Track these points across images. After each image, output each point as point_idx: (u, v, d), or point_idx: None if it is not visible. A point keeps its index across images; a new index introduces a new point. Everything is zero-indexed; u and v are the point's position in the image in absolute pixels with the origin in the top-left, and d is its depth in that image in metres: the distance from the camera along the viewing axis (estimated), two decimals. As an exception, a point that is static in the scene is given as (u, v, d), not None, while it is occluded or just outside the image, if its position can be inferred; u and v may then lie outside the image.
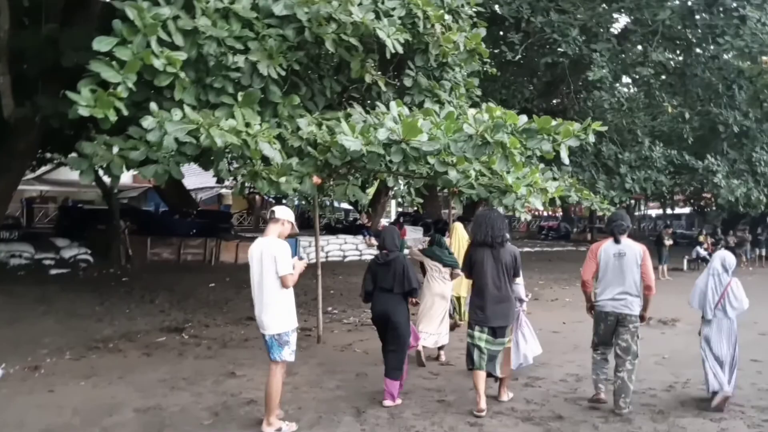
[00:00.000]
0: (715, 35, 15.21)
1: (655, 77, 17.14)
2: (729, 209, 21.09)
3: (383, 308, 5.34)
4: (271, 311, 4.45)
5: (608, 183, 15.70)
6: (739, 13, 13.75)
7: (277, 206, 4.80)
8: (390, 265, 5.32)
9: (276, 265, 4.37)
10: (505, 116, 5.67)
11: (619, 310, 5.15)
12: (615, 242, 5.29)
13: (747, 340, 8.38)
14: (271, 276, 4.40)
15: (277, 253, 4.38)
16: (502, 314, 5.09)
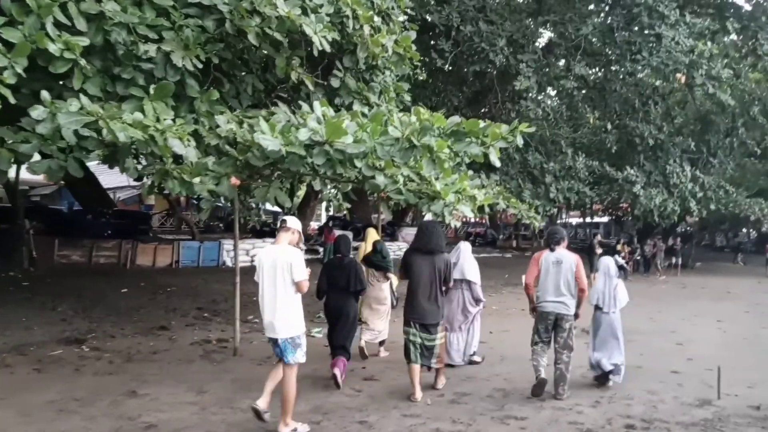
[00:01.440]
0: (632, 52, 15.84)
1: (577, 90, 17.68)
2: (644, 219, 22.07)
3: (338, 304, 6.32)
4: (285, 316, 4.64)
5: (534, 192, 16.01)
6: (655, 31, 14.36)
7: (287, 216, 5.12)
8: (345, 268, 6.34)
9: (292, 271, 4.60)
10: (433, 119, 5.44)
11: (558, 311, 5.90)
12: (551, 251, 6.01)
13: (665, 350, 8.64)
14: (287, 282, 4.61)
15: (293, 260, 4.64)
16: (434, 313, 5.78)
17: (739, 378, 6.61)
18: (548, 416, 5.36)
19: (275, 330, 4.64)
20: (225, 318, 9.40)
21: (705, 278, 22.17)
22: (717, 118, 23.38)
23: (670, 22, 14.03)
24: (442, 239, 6.00)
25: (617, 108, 19.36)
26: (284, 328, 4.63)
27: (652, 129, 20.23)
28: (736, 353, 8.51)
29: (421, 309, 5.74)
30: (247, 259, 18.07)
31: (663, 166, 20.68)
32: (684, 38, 13.83)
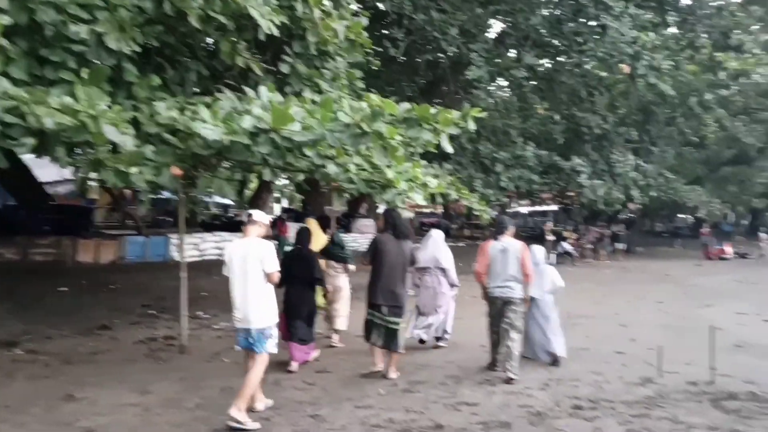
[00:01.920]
0: (579, 43, 16.13)
1: (526, 81, 17.91)
2: (590, 207, 22.65)
3: (297, 295, 6.42)
4: (258, 307, 4.74)
5: (485, 181, 16.15)
6: (601, 22, 14.66)
7: (254, 210, 5.24)
8: (304, 259, 6.52)
9: (264, 263, 4.71)
10: (384, 105, 5.33)
11: (506, 295, 6.25)
12: (497, 240, 6.42)
13: (610, 332, 8.86)
14: (258, 273, 4.71)
15: (265, 252, 4.74)
16: (401, 297, 6.05)
17: (678, 357, 6.84)
18: (500, 401, 5.39)
19: (249, 321, 4.74)
20: (172, 314, 9.06)
21: (646, 262, 22.98)
22: (657, 109, 24.17)
23: (615, 13, 14.36)
24: (407, 225, 6.39)
25: (565, 98, 19.72)
26: (257, 319, 4.74)
27: (598, 119, 20.72)
28: (675, 333, 8.82)
29: (390, 293, 5.98)
30: (197, 254, 17.59)
31: (608, 155, 21.23)
32: (628, 29, 14.18)
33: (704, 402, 5.34)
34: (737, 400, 5.41)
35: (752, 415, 4.96)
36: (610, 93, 22.90)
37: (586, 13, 14.97)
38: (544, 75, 19.40)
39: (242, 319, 4.78)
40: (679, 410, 5.10)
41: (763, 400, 5.42)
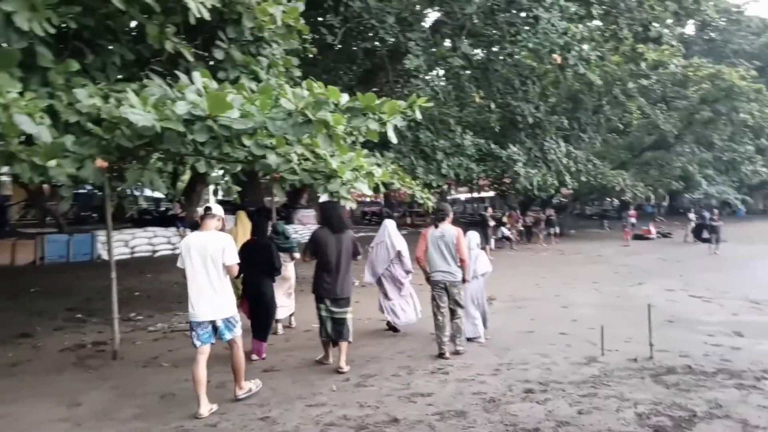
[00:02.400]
0: (512, 33, 16.36)
1: (463, 70, 18.02)
2: (525, 193, 23.20)
3: (256, 285, 6.53)
4: (221, 298, 4.85)
5: (427, 169, 16.18)
6: (533, 13, 14.89)
7: (212, 204, 5.34)
8: (261, 250, 6.54)
9: (224, 255, 4.82)
10: (328, 92, 5.11)
11: (446, 279, 6.61)
12: (436, 227, 6.72)
13: (552, 314, 9.03)
14: (219, 266, 4.81)
15: (225, 244, 4.87)
16: (345, 288, 6.11)
17: (617, 334, 7.05)
18: (453, 389, 5.33)
19: (214, 312, 4.82)
20: (102, 318, 8.52)
21: (579, 244, 23.80)
22: (585, 98, 25.07)
23: (546, 4, 14.61)
24: (345, 217, 6.37)
25: (500, 88, 20.01)
26: (221, 310, 4.85)
27: (531, 108, 21.19)
28: (612, 311, 9.11)
29: (333, 284, 6.01)
30: (127, 252, 16.76)
31: (541, 143, 21.80)
32: (558, 21, 14.47)
33: (646, 378, 5.48)
34: (675, 374, 5.60)
35: (690, 388, 5.13)
36: (542, 82, 23.53)
37: (519, 3, 15.15)
38: (479, 65, 19.61)
39: (204, 312, 4.80)
40: (623, 387, 5.21)
41: (698, 372, 5.64)
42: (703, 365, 5.87)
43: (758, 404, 4.70)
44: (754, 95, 26.29)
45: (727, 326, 7.84)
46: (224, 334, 4.88)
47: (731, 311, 9.02)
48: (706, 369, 5.73)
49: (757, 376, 5.46)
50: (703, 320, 8.32)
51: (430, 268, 6.67)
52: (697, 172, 29.71)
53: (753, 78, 27.27)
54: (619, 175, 26.14)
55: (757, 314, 8.83)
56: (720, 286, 11.79)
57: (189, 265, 4.77)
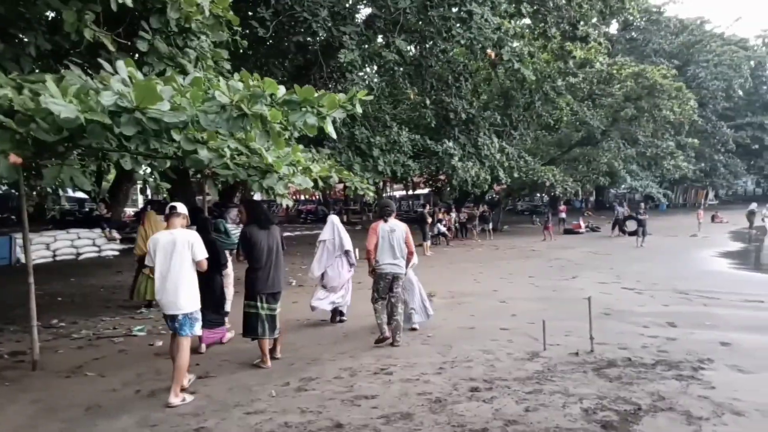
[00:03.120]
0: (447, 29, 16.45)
1: (397, 66, 17.98)
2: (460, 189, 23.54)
3: (206, 279, 6.17)
4: (186, 292, 5.05)
5: (363, 165, 16.04)
6: (467, 8, 15.02)
7: (176, 203, 5.47)
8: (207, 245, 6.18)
9: (194, 251, 5.09)
10: (264, 85, 4.87)
11: (394, 271, 6.91)
12: (385, 222, 6.99)
13: (492, 309, 9.11)
14: (187, 261, 5.06)
15: (194, 240, 5.13)
16: (279, 282, 6.26)
17: (556, 327, 7.18)
18: (398, 390, 5.23)
19: (178, 307, 5.01)
20: (20, 326, 7.90)
21: (512, 239, 24.41)
22: (517, 94, 25.66)
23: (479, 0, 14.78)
24: (269, 213, 6.73)
25: (434, 84, 20.13)
26: (186, 305, 5.04)
27: (464, 104, 21.45)
28: (550, 305, 9.30)
29: (270, 280, 6.11)
30: (49, 254, 15.74)
31: (475, 139, 22.11)
32: (491, 16, 14.67)
33: (589, 372, 5.57)
34: (616, 366, 5.72)
35: (633, 381, 5.25)
36: (474, 79, 23.88)
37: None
38: (412, 61, 19.64)
39: (170, 305, 5.02)
40: (568, 382, 5.26)
41: (638, 364, 5.78)
42: (642, 357, 6.03)
43: (699, 395, 4.84)
44: (674, 93, 27.75)
45: (660, 317, 8.14)
46: (183, 329, 5.05)
47: (662, 302, 9.39)
48: (645, 361, 5.89)
49: (694, 367, 5.65)
50: (637, 312, 8.61)
51: (380, 260, 6.90)
52: (622, 167, 31.08)
53: (673, 76, 28.80)
54: (550, 171, 26.94)
55: (687, 304, 9.23)
56: (649, 278, 12.31)
57: (156, 261, 5.02)
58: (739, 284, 11.45)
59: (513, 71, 19.10)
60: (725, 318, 8.04)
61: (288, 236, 22.27)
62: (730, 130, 46.04)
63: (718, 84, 41.83)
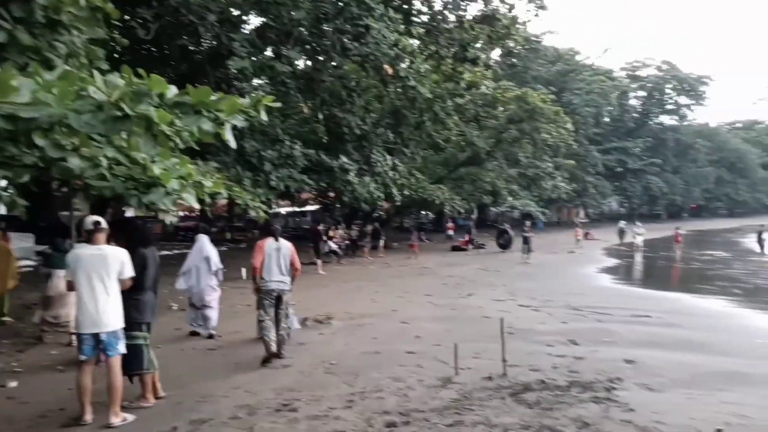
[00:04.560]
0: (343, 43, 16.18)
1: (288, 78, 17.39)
2: (351, 205, 23.28)
3: None
4: (113, 310, 4.89)
5: (254, 180, 15.18)
6: (364, 22, 14.85)
7: (98, 218, 5.23)
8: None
9: (122, 268, 4.96)
10: (150, 82, 4.15)
11: (280, 288, 7.02)
12: (275, 240, 7.14)
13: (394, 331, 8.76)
14: (112, 279, 4.90)
15: (123, 258, 4.99)
16: (154, 308, 5.66)
17: (464, 349, 6.87)
18: (305, 429, 4.66)
19: (102, 325, 4.82)
20: None
21: (403, 257, 24.45)
22: (408, 113, 25.99)
23: (376, 15, 14.65)
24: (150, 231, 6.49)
25: (326, 99, 19.77)
26: (112, 322, 4.86)
27: (357, 120, 21.30)
28: (452, 325, 9.13)
29: (152, 306, 5.62)
30: None
31: (368, 155, 22.00)
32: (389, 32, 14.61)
33: (506, 398, 5.32)
34: (532, 390, 5.54)
35: (552, 406, 5.06)
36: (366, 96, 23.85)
37: (350, 12, 14.99)
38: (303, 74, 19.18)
39: (93, 323, 4.82)
40: (488, 411, 4.97)
41: (553, 387, 5.65)
42: (555, 379, 5.91)
43: (621, 419, 4.73)
44: (553, 117, 29.58)
45: (561, 335, 8.22)
46: (108, 348, 4.86)
47: (560, 319, 9.57)
48: (559, 383, 5.76)
49: (606, 387, 5.60)
50: (538, 330, 8.65)
51: (266, 278, 6.97)
52: (504, 186, 32.55)
53: (552, 101, 30.75)
54: (438, 189, 27.51)
55: (583, 321, 9.47)
56: (542, 294, 12.64)
57: (76, 277, 4.85)
58: (624, 299, 12.09)
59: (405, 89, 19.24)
60: (621, 334, 8.29)
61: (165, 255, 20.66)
62: (599, 153, 50.12)
63: (589, 110, 45.46)
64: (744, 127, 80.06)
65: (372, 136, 23.09)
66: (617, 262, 22.82)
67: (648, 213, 59.92)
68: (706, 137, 66.24)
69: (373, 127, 23.82)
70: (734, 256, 25.79)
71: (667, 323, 9.41)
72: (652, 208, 62.54)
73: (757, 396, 5.46)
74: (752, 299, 13.08)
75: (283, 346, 6.95)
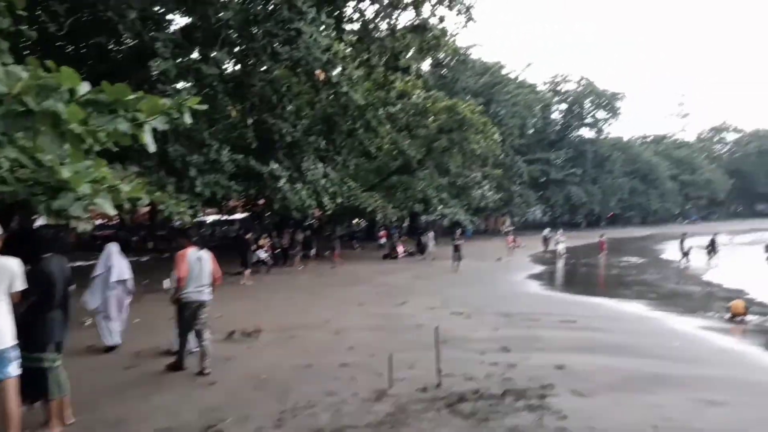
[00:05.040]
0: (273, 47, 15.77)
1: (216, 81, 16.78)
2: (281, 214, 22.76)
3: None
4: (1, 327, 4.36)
5: (178, 186, 14.45)
6: (295, 26, 14.52)
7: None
8: None
9: (13, 280, 4.46)
10: (59, 75, 3.75)
11: (201, 298, 6.87)
12: (198, 249, 7.01)
13: (327, 343, 8.49)
14: (4, 292, 4.43)
15: (16, 270, 4.51)
16: (64, 326, 5.12)
17: (398, 360, 6.70)
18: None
19: None
20: None
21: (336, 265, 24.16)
22: (340, 120, 25.79)
23: (307, 19, 14.37)
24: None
25: (256, 103, 19.24)
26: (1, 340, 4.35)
27: (288, 126, 20.88)
28: (386, 335, 8.98)
29: (61, 324, 5.06)
30: None
31: (299, 163, 21.59)
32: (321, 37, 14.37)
33: (442, 410, 5.21)
34: (467, 401, 5.45)
35: (488, 416, 5.00)
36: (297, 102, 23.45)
37: (281, 14, 14.61)
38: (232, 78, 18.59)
39: None
40: (424, 424, 4.84)
41: (487, 396, 5.59)
42: (489, 387, 5.86)
43: (555, 426, 4.72)
44: (481, 127, 30.22)
45: (493, 342, 8.23)
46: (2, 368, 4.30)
47: (491, 326, 9.61)
48: (493, 391, 5.71)
49: (539, 394, 5.59)
50: (471, 337, 8.64)
51: (189, 288, 6.80)
52: (435, 195, 32.92)
53: (480, 112, 31.43)
54: (371, 197, 27.41)
55: (514, 328, 9.55)
56: (473, 301, 12.73)
57: None
58: (552, 305, 12.37)
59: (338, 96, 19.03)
60: (550, 340, 8.41)
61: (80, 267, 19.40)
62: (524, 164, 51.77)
63: (514, 122, 46.90)
64: (654, 141, 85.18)
65: (303, 142, 22.70)
66: (544, 268, 23.49)
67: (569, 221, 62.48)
68: (621, 150, 69.89)
69: (304, 133, 23.44)
70: (649, 262, 27.17)
71: (593, 327, 9.68)
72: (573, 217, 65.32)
73: (679, 398, 5.63)
74: (667, 303, 13.75)
75: (206, 359, 6.71)
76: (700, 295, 15.44)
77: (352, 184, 25.63)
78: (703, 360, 7.67)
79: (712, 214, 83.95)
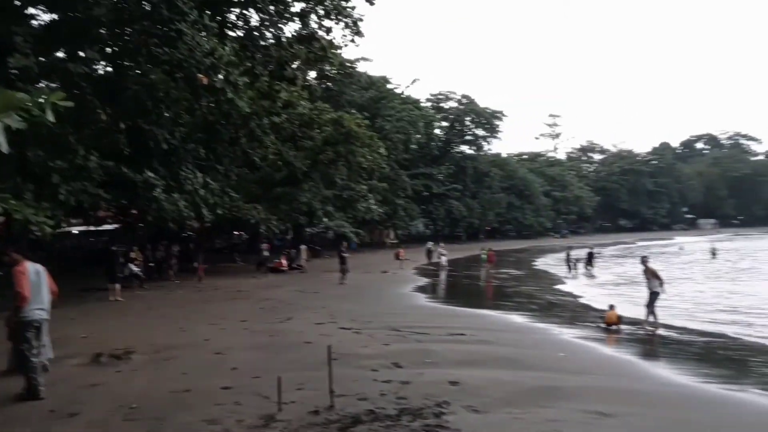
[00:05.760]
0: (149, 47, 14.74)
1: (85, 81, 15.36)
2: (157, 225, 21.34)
3: None
4: None
5: (38, 194, 12.92)
6: (176, 26, 13.66)
7: None
8: None
9: None
10: None
11: (43, 317, 6.48)
12: (32, 263, 6.54)
13: (207, 364, 7.92)
14: None
15: None
16: None
17: (287, 381, 6.37)
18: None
19: None
20: None
21: (215, 279, 23.04)
22: (222, 129, 24.73)
23: (190, 20, 13.56)
24: None
25: (130, 108, 17.87)
26: None
27: (165, 133, 19.69)
28: (272, 354, 8.57)
29: None
30: None
31: (176, 171, 20.38)
32: (205, 40, 13.63)
33: (335, 434, 4.94)
34: (362, 423, 5.24)
35: (384, 438, 4.79)
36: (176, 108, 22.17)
37: (160, 14, 13.67)
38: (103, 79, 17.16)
39: None
40: (317, 451, 4.53)
41: (383, 417, 5.40)
42: (384, 407, 5.66)
43: (454, 447, 4.61)
44: (367, 141, 30.44)
45: (384, 358, 8.08)
46: None
47: (381, 341, 9.46)
48: (388, 411, 5.53)
49: (435, 412, 5.49)
50: (361, 354, 8.42)
51: (31, 306, 6.30)
52: (320, 207, 32.65)
53: (366, 126, 31.68)
54: (254, 209, 26.53)
55: (403, 342, 9.48)
56: (361, 315, 12.56)
57: None
58: (439, 318, 12.53)
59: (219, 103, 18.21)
60: (441, 354, 8.43)
61: None
62: (408, 178, 52.92)
63: (399, 137, 47.83)
64: (529, 158, 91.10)
65: (181, 151, 21.49)
66: (429, 281, 23.98)
67: (450, 234, 64.79)
68: (498, 166, 73.93)
69: (182, 141, 22.19)
70: (528, 274, 28.72)
71: (481, 340, 9.88)
72: (454, 230, 67.84)
73: (572, 411, 5.77)
74: (547, 314, 14.46)
75: (45, 373, 6.44)
76: (575, 306, 16.40)
77: (233, 194, 24.61)
78: (588, 370, 7.99)
79: (580, 228, 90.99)
